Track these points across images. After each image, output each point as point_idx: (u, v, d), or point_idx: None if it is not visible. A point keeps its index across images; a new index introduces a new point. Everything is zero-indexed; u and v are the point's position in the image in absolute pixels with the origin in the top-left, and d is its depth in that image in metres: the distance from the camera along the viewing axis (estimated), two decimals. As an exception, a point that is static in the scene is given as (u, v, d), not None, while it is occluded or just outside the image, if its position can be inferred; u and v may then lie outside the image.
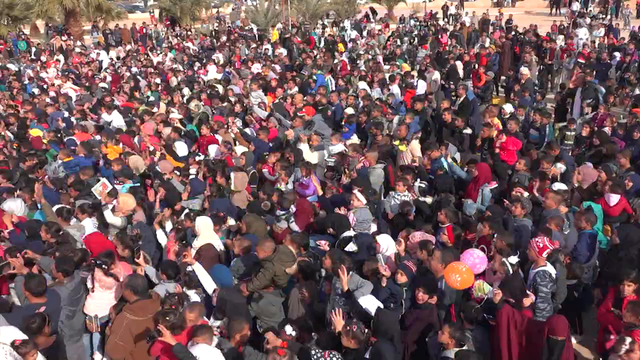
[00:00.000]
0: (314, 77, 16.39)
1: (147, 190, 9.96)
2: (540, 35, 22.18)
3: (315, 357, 4.84)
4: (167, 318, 5.32)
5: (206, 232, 7.61)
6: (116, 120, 13.85)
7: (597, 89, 14.19)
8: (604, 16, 32.57)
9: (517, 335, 5.70)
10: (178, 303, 6.01)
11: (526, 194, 8.40)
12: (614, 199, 8.26)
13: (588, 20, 29.39)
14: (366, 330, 5.03)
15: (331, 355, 4.85)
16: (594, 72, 15.43)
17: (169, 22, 35.91)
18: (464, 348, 5.23)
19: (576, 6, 35.30)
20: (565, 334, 5.41)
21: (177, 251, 7.52)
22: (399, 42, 24.33)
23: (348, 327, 5.02)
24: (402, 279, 6.17)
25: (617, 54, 18.66)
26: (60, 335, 6.03)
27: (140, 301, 5.86)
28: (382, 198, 9.54)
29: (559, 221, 7.41)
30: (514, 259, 6.29)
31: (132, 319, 5.71)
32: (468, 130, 11.09)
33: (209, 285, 6.51)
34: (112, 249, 7.19)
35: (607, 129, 11.49)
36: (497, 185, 9.34)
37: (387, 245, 7.01)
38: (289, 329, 5.59)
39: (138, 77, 19.27)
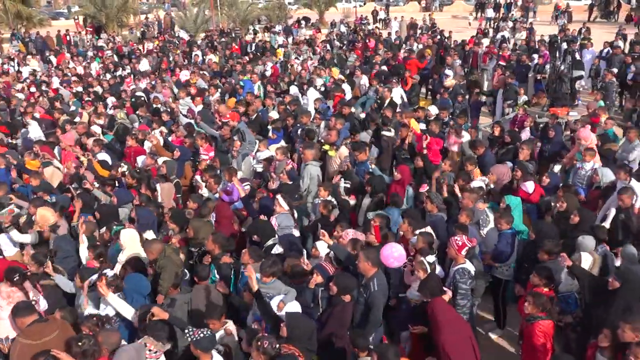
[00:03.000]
0: (241, 83, 16.30)
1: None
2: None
3: (188, 334, 4.99)
4: (80, 343, 4.92)
5: (132, 244, 7.45)
6: (33, 131, 13.31)
7: (517, 91, 14.72)
8: (525, 19, 33.91)
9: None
10: (96, 325, 5.61)
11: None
12: (529, 186, 8.67)
13: (510, 23, 30.52)
14: (277, 346, 4.95)
15: (200, 331, 5.00)
16: (515, 74, 16.01)
17: (90, 29, 34.66)
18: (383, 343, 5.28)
19: (490, 13, 36.65)
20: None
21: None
22: (328, 47, 24.53)
23: (259, 342, 4.88)
24: (317, 279, 6.21)
25: (536, 56, 19.41)
26: None
27: (36, 324, 5.45)
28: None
29: (468, 212, 7.67)
30: (431, 258, 6.42)
31: (25, 343, 5.25)
32: (390, 133, 11.22)
33: (127, 312, 6.16)
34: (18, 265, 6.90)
35: (527, 129, 11.99)
36: (428, 187, 9.51)
37: (324, 250, 7.04)
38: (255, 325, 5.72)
39: (59, 86, 18.58)
